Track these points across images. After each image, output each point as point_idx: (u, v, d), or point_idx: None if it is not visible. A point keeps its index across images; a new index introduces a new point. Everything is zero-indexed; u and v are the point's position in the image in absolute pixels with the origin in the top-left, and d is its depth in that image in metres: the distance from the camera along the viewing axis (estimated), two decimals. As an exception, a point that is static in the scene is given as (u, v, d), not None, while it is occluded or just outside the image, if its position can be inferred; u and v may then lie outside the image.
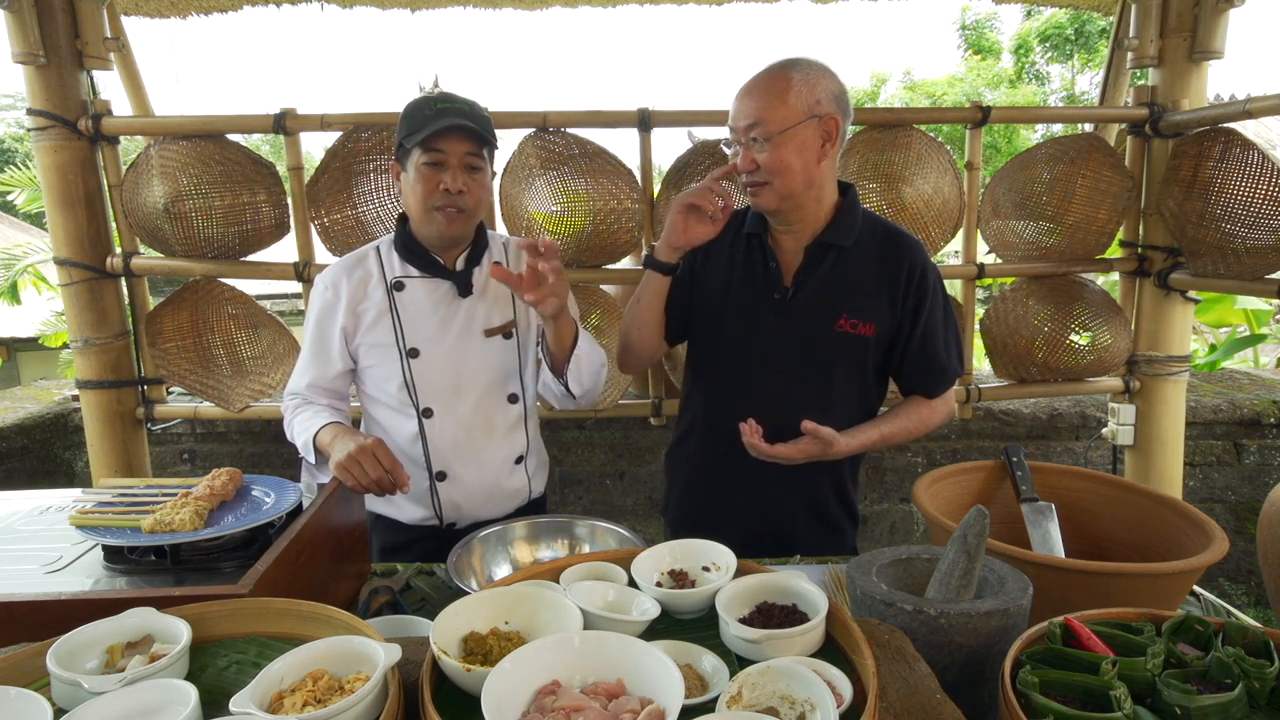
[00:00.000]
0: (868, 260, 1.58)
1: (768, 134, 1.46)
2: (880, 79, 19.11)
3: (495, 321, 1.65)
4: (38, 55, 2.20)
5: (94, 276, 2.36)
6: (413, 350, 1.61)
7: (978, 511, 1.02)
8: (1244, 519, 3.01)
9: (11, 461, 2.93)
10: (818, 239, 1.57)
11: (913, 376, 1.64)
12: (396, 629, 1.15)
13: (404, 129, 1.53)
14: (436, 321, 1.62)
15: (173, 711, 0.72)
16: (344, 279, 1.62)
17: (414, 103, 1.55)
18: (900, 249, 1.58)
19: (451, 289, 1.63)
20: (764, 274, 1.61)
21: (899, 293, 1.57)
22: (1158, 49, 2.44)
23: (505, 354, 1.67)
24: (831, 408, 1.59)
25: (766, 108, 1.46)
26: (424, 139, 1.49)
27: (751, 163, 1.50)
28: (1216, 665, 0.84)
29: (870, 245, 1.59)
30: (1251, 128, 2.71)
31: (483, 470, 1.67)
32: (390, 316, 1.61)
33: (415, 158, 1.52)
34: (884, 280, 1.57)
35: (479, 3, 2.69)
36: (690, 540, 1.09)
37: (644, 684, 0.76)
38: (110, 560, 1.13)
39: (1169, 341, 2.55)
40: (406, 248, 1.63)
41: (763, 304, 1.60)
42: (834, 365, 1.59)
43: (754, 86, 1.50)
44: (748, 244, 1.64)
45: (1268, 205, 2.11)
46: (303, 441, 1.54)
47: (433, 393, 1.62)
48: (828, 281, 1.57)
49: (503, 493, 1.71)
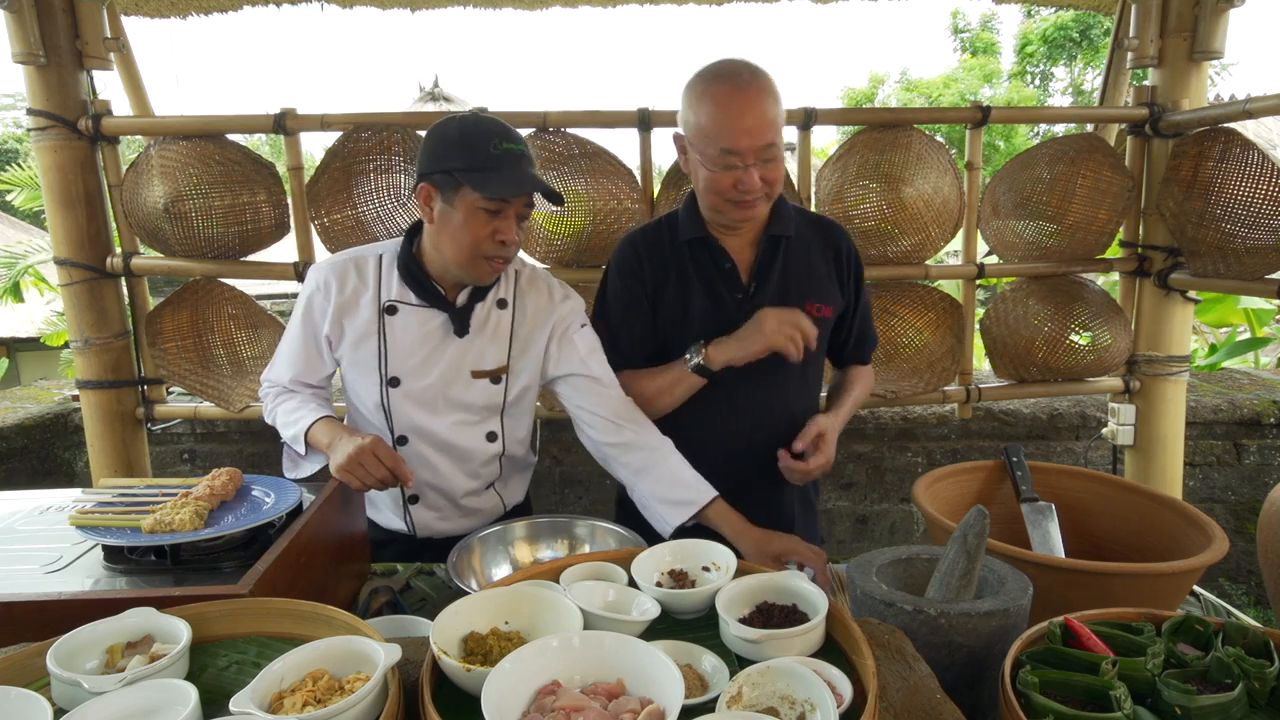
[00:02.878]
0: (810, 247, 1.63)
1: (781, 148, 1.45)
2: (878, 79, 19.11)
3: (487, 365, 1.55)
4: (38, 55, 2.20)
5: (94, 276, 2.36)
6: (394, 379, 1.53)
7: (978, 511, 1.02)
8: (1244, 519, 3.01)
9: (11, 461, 2.93)
10: (766, 232, 1.58)
11: (855, 349, 1.76)
12: (396, 629, 1.15)
13: (459, 159, 1.38)
14: (423, 355, 1.52)
15: (173, 711, 0.72)
16: (335, 282, 1.52)
17: (470, 131, 1.40)
18: (833, 234, 1.67)
19: (446, 324, 1.52)
20: (719, 276, 1.59)
21: (843, 273, 1.66)
22: (1158, 49, 2.44)
23: (489, 395, 1.57)
24: (807, 391, 1.69)
25: (775, 120, 1.42)
26: (486, 186, 1.36)
27: (764, 181, 1.45)
28: (1216, 665, 0.84)
29: (806, 232, 1.64)
30: (1251, 128, 2.71)
31: (454, 497, 1.63)
32: (377, 340, 1.52)
33: (471, 198, 1.38)
34: (829, 263, 1.64)
35: (479, 3, 2.69)
36: (690, 540, 1.09)
37: (644, 684, 0.76)
38: (110, 560, 1.13)
39: (1169, 341, 2.55)
40: (409, 271, 1.51)
41: (727, 305, 1.58)
42: (807, 351, 1.57)
43: (764, 104, 1.41)
44: (692, 250, 1.60)
45: (1268, 205, 2.11)
46: (292, 433, 1.49)
47: (409, 423, 1.56)
48: (784, 272, 1.60)
49: (474, 513, 1.67)
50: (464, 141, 1.39)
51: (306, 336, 1.56)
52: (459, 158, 1.38)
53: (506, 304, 1.57)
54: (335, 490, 1.30)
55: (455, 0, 2.65)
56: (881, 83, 19.01)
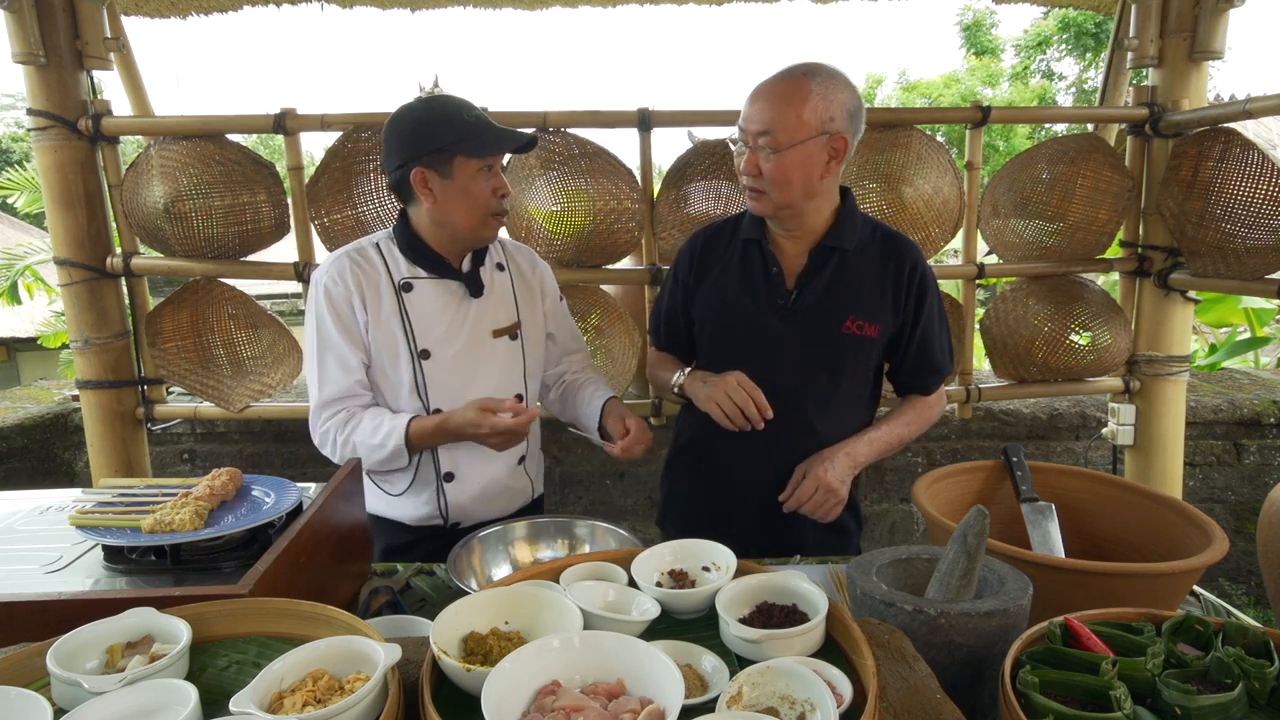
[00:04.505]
0: (869, 262, 1.58)
1: (776, 144, 1.45)
2: (876, 80, 19.11)
3: (502, 322, 1.66)
4: (38, 55, 2.20)
5: (94, 276, 2.36)
6: (424, 352, 1.59)
7: (978, 511, 1.02)
8: (1244, 519, 3.01)
9: (11, 461, 2.92)
10: (821, 242, 1.57)
11: (912, 375, 1.66)
12: (396, 629, 1.15)
13: (445, 135, 1.48)
14: (447, 323, 1.60)
15: (173, 711, 0.72)
16: (349, 272, 1.56)
17: (438, 109, 1.51)
18: (900, 250, 1.60)
19: (461, 289, 1.62)
20: (765, 279, 1.60)
21: (901, 293, 1.58)
22: (1158, 49, 2.44)
23: (511, 354, 1.68)
24: (836, 409, 1.61)
25: (779, 117, 1.44)
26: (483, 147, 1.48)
27: (755, 167, 1.49)
28: (1216, 665, 0.84)
29: (870, 247, 1.59)
30: (1251, 128, 2.71)
31: (488, 471, 1.67)
32: (400, 318, 1.58)
33: (470, 165, 1.49)
34: (886, 281, 1.58)
35: (479, 3, 2.69)
36: (690, 540, 1.09)
37: (644, 684, 0.76)
38: (110, 560, 1.13)
39: (1169, 341, 2.55)
40: (413, 249, 1.59)
41: (766, 309, 1.59)
42: (841, 367, 1.59)
43: (770, 91, 1.47)
44: (745, 249, 1.63)
45: (1268, 205, 2.11)
46: (394, 445, 1.50)
47: (444, 394, 1.60)
48: (832, 284, 1.57)
49: (507, 493, 1.72)
50: (439, 119, 1.49)
51: (343, 330, 1.56)
52: (444, 134, 1.48)
53: (504, 267, 1.71)
54: (335, 490, 1.30)
55: (455, 0, 2.66)
56: (880, 83, 19.02)
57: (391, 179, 1.56)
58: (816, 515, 1.56)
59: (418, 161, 1.49)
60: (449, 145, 1.47)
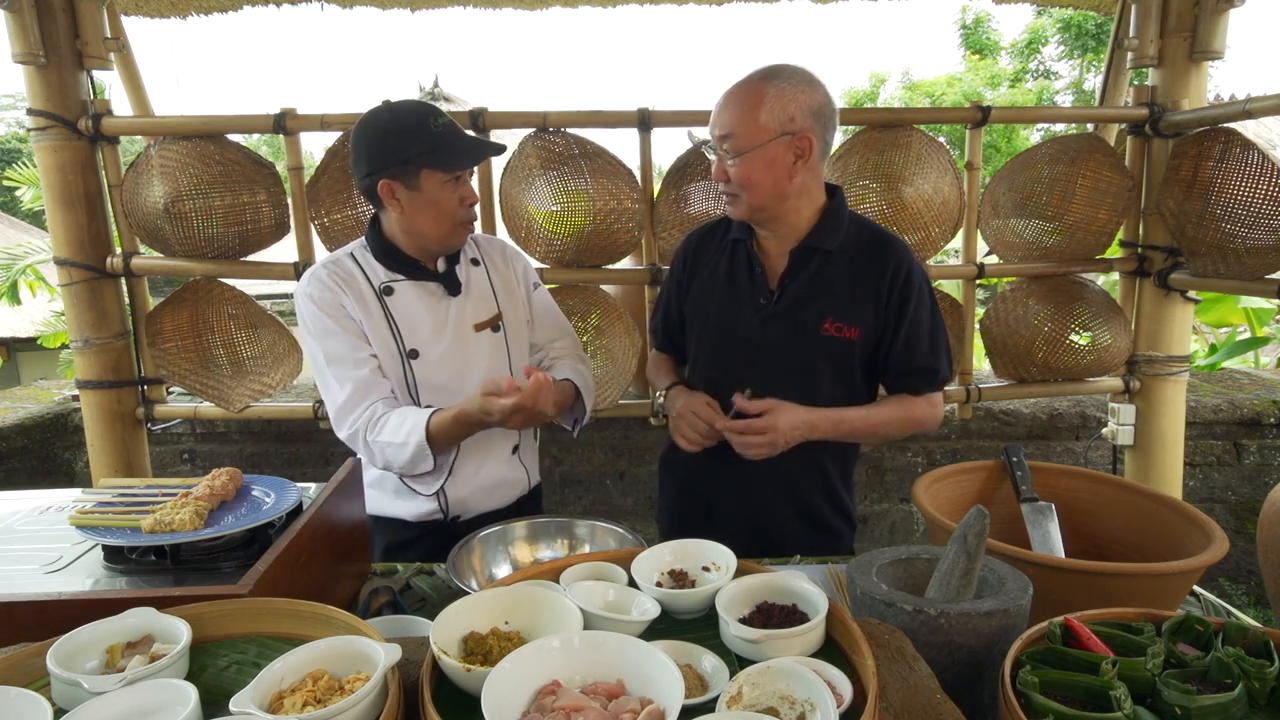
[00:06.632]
0: (852, 263, 1.57)
1: (737, 149, 1.46)
2: (879, 79, 19.09)
3: (483, 316, 1.68)
4: (38, 55, 2.20)
5: (94, 276, 2.36)
6: (412, 352, 1.61)
7: (978, 511, 1.02)
8: (1244, 519, 3.01)
9: (11, 461, 2.93)
10: (802, 243, 1.57)
11: (898, 377, 1.62)
12: (396, 629, 1.15)
13: (411, 146, 1.47)
14: (431, 322, 1.62)
15: (173, 711, 0.72)
16: (330, 281, 1.57)
17: (403, 118, 1.49)
18: (884, 251, 1.57)
19: (440, 289, 1.64)
20: (749, 279, 1.61)
21: (883, 295, 1.55)
22: (1158, 49, 2.44)
23: (495, 346, 1.69)
24: None
25: (737, 121, 1.46)
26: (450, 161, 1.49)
27: (723, 173, 1.51)
28: (1216, 665, 0.84)
29: (855, 248, 1.58)
30: (1251, 128, 2.71)
31: (484, 464, 1.69)
32: (386, 321, 1.60)
33: (435, 177, 1.50)
34: (868, 283, 1.56)
35: (479, 3, 2.69)
36: (690, 540, 1.09)
37: (644, 684, 0.76)
38: (110, 560, 1.13)
39: (1169, 341, 2.55)
40: (388, 255, 1.60)
41: (749, 309, 1.60)
42: (820, 368, 1.58)
43: (729, 97, 1.49)
44: (733, 250, 1.66)
45: (1268, 205, 2.11)
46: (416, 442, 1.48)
47: (434, 392, 1.62)
48: (812, 285, 1.57)
49: (505, 484, 1.74)
50: (405, 129, 1.48)
51: (341, 327, 1.56)
52: (409, 146, 1.47)
53: (479, 262, 1.73)
54: (335, 490, 1.30)
55: (455, 0, 2.66)
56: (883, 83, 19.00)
57: (360, 186, 1.58)
58: (736, 445, 1.52)
59: (384, 174, 1.50)
60: (414, 158, 1.47)
